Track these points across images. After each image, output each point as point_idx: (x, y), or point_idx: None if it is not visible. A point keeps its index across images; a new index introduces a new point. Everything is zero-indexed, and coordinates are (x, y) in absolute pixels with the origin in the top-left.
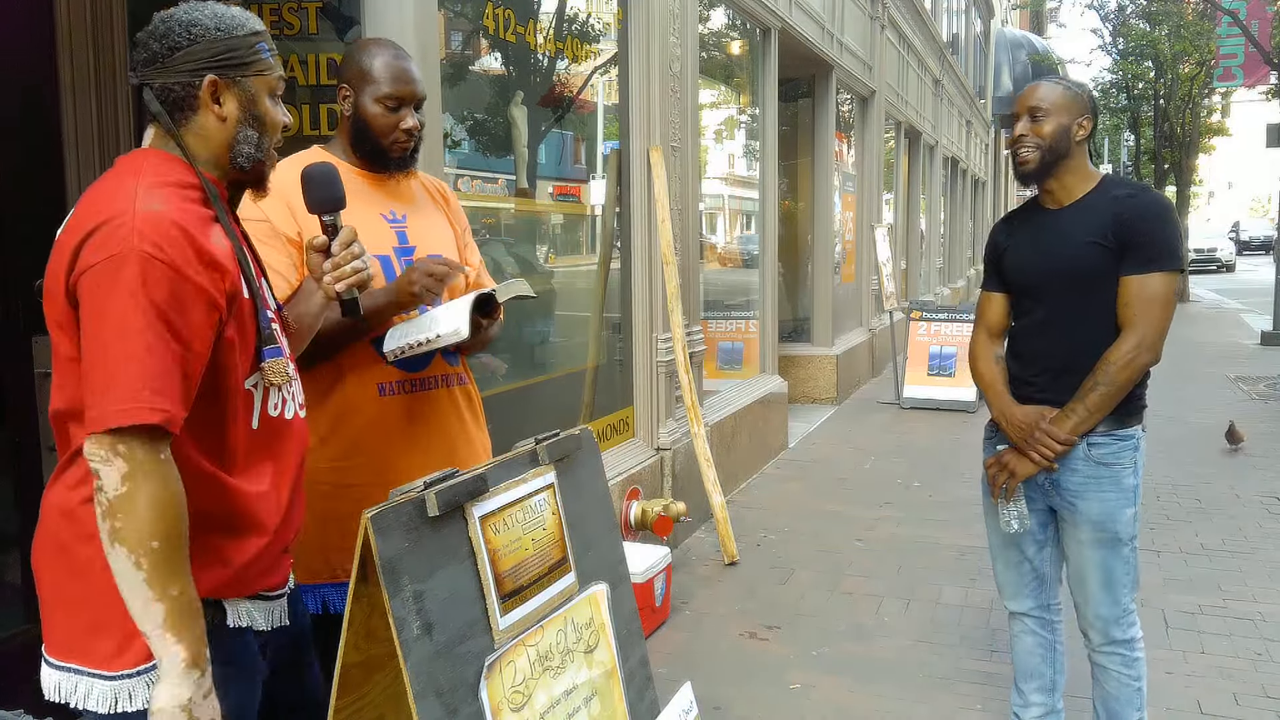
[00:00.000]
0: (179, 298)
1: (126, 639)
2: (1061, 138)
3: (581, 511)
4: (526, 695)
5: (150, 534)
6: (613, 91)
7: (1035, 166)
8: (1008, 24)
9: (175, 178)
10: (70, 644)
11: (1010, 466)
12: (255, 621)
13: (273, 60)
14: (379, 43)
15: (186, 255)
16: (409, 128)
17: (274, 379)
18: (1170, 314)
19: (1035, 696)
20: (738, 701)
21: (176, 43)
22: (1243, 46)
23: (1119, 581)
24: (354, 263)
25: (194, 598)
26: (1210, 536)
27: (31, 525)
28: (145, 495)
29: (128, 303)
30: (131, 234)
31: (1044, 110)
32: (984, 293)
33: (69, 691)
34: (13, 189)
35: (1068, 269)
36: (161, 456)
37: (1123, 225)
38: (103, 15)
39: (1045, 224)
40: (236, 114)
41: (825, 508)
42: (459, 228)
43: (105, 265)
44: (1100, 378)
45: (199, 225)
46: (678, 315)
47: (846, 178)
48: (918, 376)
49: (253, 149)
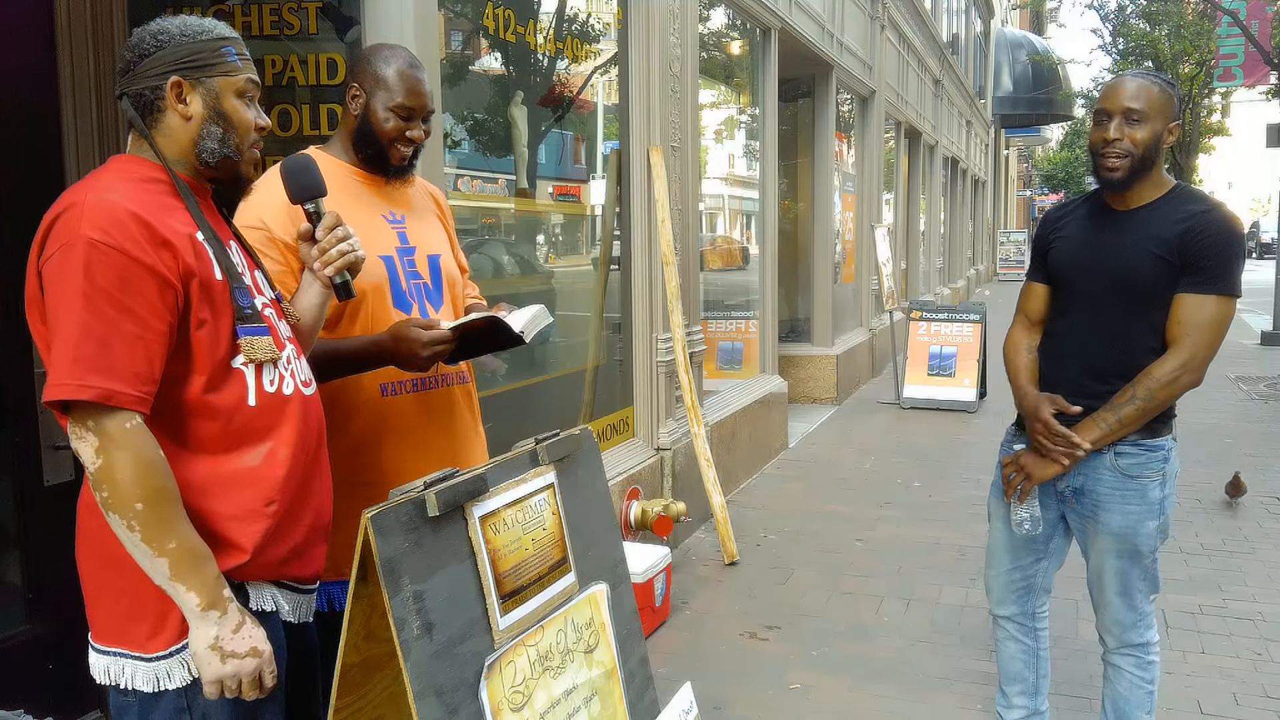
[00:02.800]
0: (126, 279)
1: (159, 623)
2: (1154, 146)
3: (581, 511)
4: (526, 695)
5: (133, 497)
6: (613, 91)
7: (1123, 176)
8: (1008, 24)
9: (139, 173)
10: (113, 630)
11: (1027, 468)
12: (281, 608)
13: (240, 64)
14: (395, 50)
15: (134, 237)
16: (414, 137)
17: (255, 355)
18: (1221, 339)
19: (1018, 700)
20: (738, 701)
21: (145, 50)
22: (1243, 46)
23: (1136, 589)
24: (340, 245)
25: (195, 547)
26: (1210, 536)
27: (32, 525)
28: (120, 464)
29: (72, 287)
30: (80, 222)
31: (1140, 113)
32: (1027, 282)
33: (118, 674)
34: (12, 189)
35: (1122, 276)
36: (128, 425)
37: (1189, 242)
38: (103, 15)
39: (1106, 223)
40: (201, 112)
41: (825, 508)
42: (450, 232)
43: (58, 254)
44: (1140, 392)
45: (154, 210)
46: (678, 315)
47: (846, 178)
48: (918, 376)
49: (217, 144)
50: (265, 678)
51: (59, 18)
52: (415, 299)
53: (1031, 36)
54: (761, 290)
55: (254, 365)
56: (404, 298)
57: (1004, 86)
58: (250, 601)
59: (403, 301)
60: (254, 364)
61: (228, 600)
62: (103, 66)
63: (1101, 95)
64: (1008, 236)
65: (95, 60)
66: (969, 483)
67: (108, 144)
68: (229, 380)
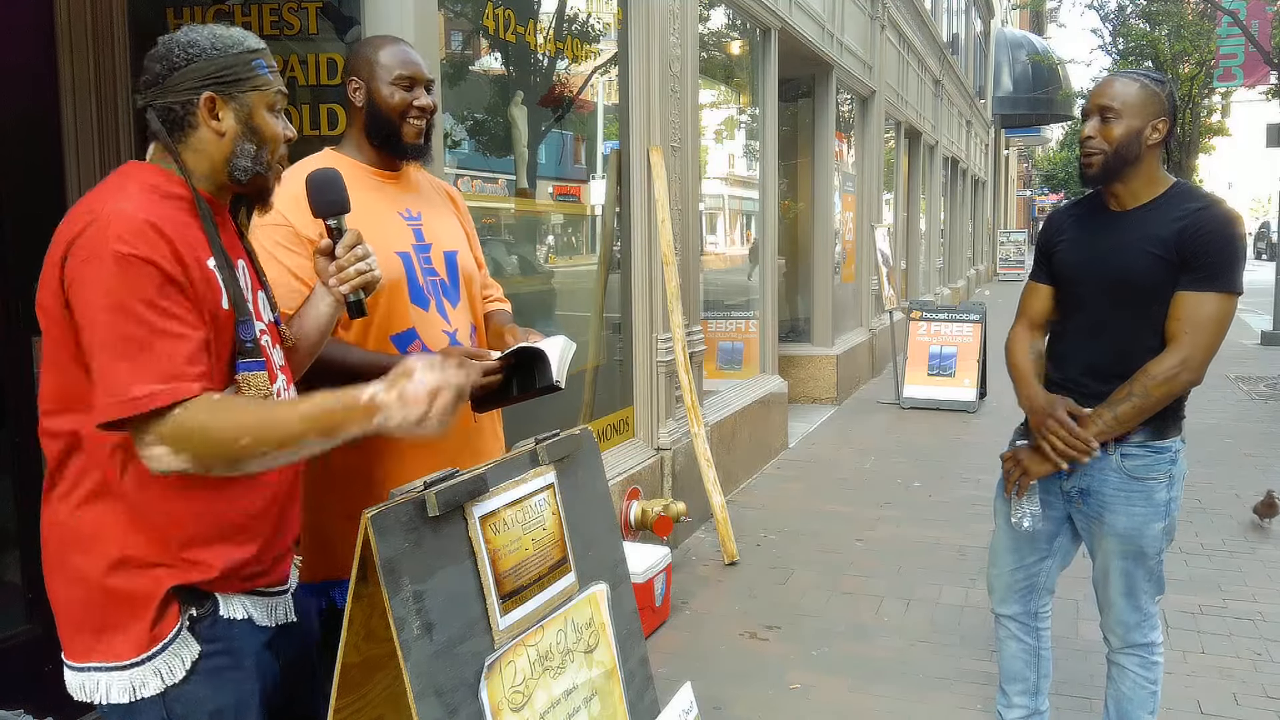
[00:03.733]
0: (160, 286)
1: (127, 628)
2: (1131, 142)
3: (581, 511)
4: (526, 695)
5: (238, 445)
6: (613, 91)
7: (1097, 172)
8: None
9: (162, 187)
10: (83, 645)
11: (1025, 463)
12: (252, 615)
13: (271, 76)
14: (382, 37)
15: (160, 249)
16: (424, 105)
17: (250, 391)
18: (1221, 338)
19: (1018, 699)
20: (738, 701)
21: (175, 63)
22: (1243, 46)
23: (1142, 590)
24: (357, 265)
25: (311, 411)
26: (1210, 536)
27: (32, 525)
28: (200, 445)
29: (107, 301)
30: (106, 235)
31: (1115, 111)
32: (1030, 282)
33: (92, 689)
34: (13, 189)
35: (1122, 276)
36: (178, 412)
37: (1187, 240)
38: (103, 15)
39: (1105, 224)
40: (234, 128)
41: (825, 508)
42: (468, 227)
43: (86, 269)
44: (1136, 389)
45: (173, 227)
46: (678, 315)
47: (846, 178)
48: (918, 376)
49: (250, 161)
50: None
51: (59, 18)
52: (433, 295)
53: (1031, 36)
54: (761, 290)
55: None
56: (421, 293)
57: (1004, 86)
58: (220, 609)
59: (420, 297)
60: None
61: (370, 400)
62: (102, 68)
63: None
64: (1008, 236)
65: (95, 61)
66: (969, 483)
67: (107, 145)
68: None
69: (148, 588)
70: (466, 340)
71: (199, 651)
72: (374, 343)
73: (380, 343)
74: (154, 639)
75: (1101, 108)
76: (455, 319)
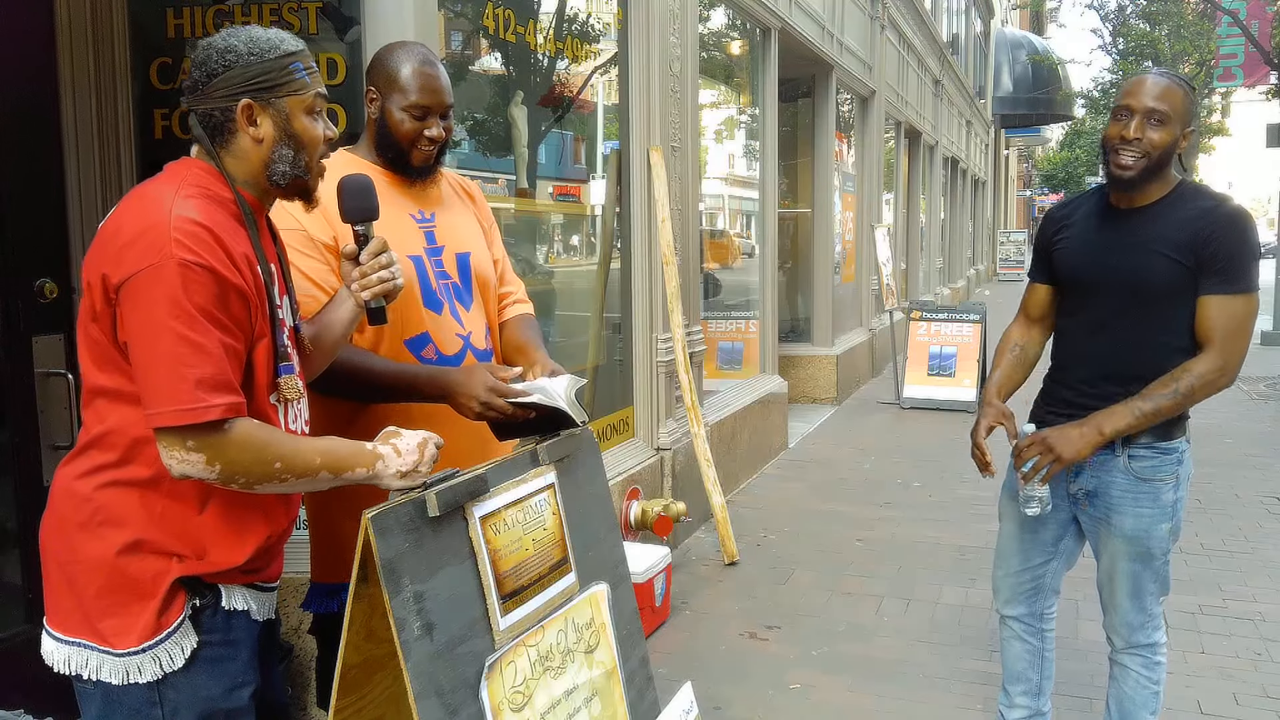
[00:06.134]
0: (220, 295)
1: (132, 622)
2: (1171, 149)
3: (582, 511)
4: (527, 695)
5: (270, 463)
6: (613, 91)
7: (1134, 176)
8: (1008, 24)
9: (213, 190)
10: (78, 622)
11: (1057, 450)
12: (250, 608)
13: (309, 79)
14: (409, 47)
15: (219, 255)
16: (433, 136)
17: (289, 394)
18: (1250, 338)
19: (1021, 700)
20: (738, 701)
21: (213, 70)
22: (1243, 46)
23: (1147, 591)
24: (381, 272)
25: (330, 448)
26: (1210, 536)
27: (32, 525)
28: (235, 460)
29: (170, 309)
30: (168, 242)
31: (1164, 115)
32: (1030, 282)
33: (80, 664)
34: (12, 189)
35: (1135, 279)
36: (229, 427)
37: (1203, 243)
38: (103, 15)
39: (1110, 223)
40: (272, 134)
41: (825, 508)
42: (486, 224)
43: (146, 274)
44: (1182, 387)
45: (227, 232)
46: (678, 315)
47: (846, 178)
48: (918, 376)
49: (288, 167)
50: (429, 452)
51: (59, 18)
52: (446, 298)
53: (1031, 36)
54: (761, 290)
55: (283, 404)
56: (434, 296)
57: (1004, 86)
58: (223, 600)
59: (433, 301)
60: (284, 403)
61: (373, 449)
62: (102, 67)
63: (1125, 90)
64: (1008, 236)
65: (95, 60)
66: (969, 483)
67: (107, 144)
68: (267, 416)
69: (157, 574)
70: (481, 342)
71: (198, 641)
72: (388, 347)
73: (394, 347)
74: (160, 627)
75: (1150, 110)
76: (469, 322)
